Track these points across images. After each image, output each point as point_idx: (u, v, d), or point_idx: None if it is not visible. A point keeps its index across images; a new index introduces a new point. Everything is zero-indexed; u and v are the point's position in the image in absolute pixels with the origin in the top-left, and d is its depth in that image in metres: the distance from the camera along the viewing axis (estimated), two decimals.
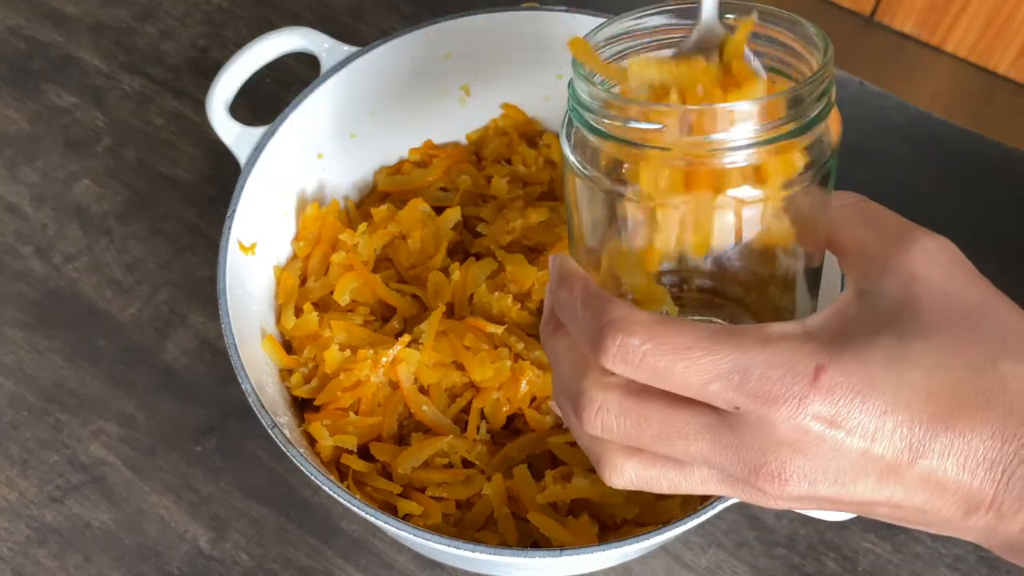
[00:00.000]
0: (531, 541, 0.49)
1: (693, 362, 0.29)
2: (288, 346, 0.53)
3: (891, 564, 0.54)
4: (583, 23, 0.55)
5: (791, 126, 0.30)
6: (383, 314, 0.55)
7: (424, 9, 0.72)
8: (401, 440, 0.51)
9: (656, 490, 0.33)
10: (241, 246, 0.51)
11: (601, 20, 0.55)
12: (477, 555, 0.43)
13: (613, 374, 0.31)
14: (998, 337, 0.30)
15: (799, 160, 0.31)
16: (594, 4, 0.56)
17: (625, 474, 0.33)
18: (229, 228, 0.50)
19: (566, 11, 0.55)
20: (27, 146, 0.67)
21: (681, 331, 0.30)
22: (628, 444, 0.32)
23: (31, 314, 0.61)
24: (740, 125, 0.29)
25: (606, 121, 0.31)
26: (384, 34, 0.55)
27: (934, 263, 0.31)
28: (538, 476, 0.49)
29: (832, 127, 0.32)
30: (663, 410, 0.31)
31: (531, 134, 0.61)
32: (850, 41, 1.45)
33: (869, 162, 0.65)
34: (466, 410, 0.51)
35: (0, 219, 0.65)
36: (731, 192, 0.30)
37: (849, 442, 0.29)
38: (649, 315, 0.30)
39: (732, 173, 0.30)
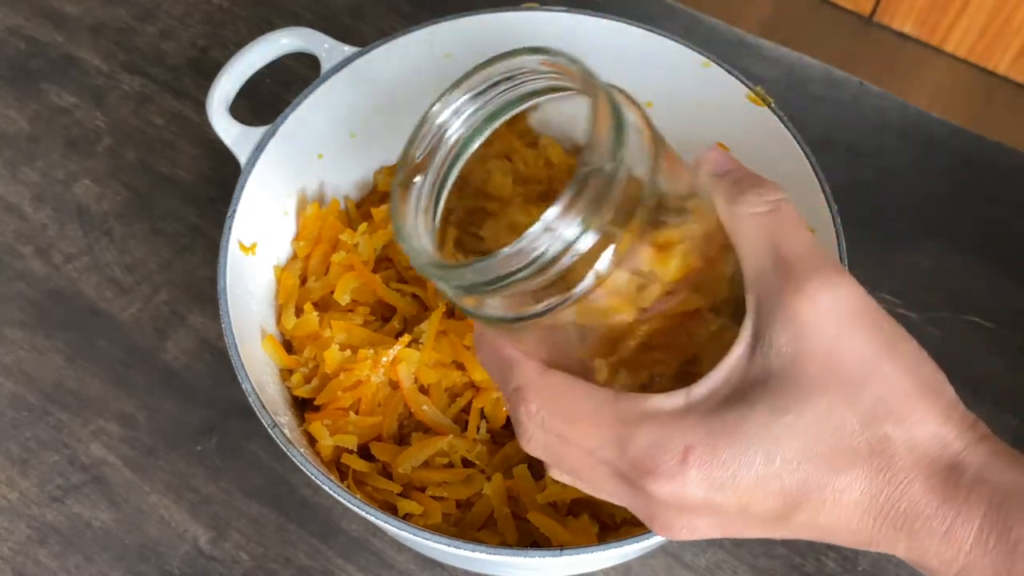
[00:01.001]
0: (531, 541, 0.49)
1: (581, 432, 0.32)
2: (288, 346, 0.53)
3: (891, 564, 0.54)
4: (583, 23, 0.55)
5: (595, 200, 0.29)
6: (383, 314, 0.55)
7: (424, 9, 0.72)
8: (401, 440, 0.51)
9: (587, 492, 0.36)
10: (241, 246, 0.51)
11: (602, 20, 0.55)
12: (477, 555, 0.43)
13: None
14: (874, 401, 0.30)
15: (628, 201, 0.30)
16: (594, 4, 0.56)
17: (562, 477, 0.36)
18: (229, 228, 0.50)
19: (566, 11, 0.55)
20: (27, 146, 0.67)
21: (574, 398, 0.32)
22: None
23: (31, 314, 0.61)
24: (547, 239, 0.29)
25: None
26: (384, 34, 0.55)
27: (825, 317, 0.31)
28: (538, 476, 0.49)
29: (640, 131, 0.31)
30: (578, 451, 0.33)
31: (531, 134, 0.61)
32: (850, 41, 1.45)
33: (869, 162, 0.65)
34: (466, 410, 0.51)
35: (0, 219, 0.65)
36: (585, 284, 0.30)
37: (727, 506, 0.31)
38: (550, 381, 0.33)
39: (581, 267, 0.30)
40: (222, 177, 0.65)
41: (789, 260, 0.31)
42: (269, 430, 0.45)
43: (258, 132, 0.53)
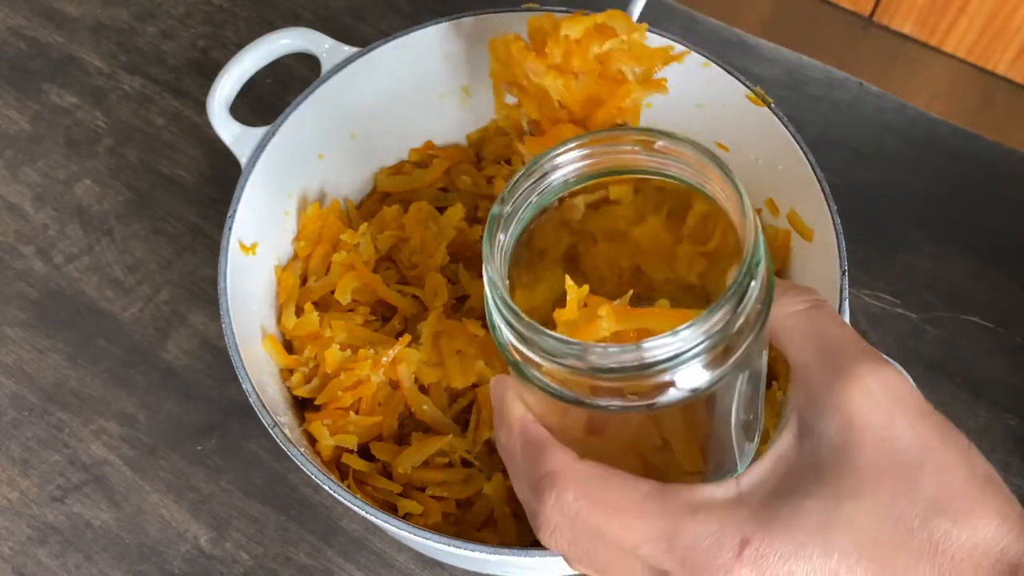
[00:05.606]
0: (531, 540, 0.49)
1: (624, 525, 0.30)
2: (289, 346, 0.54)
3: None
4: None
5: (727, 321, 0.28)
6: (384, 314, 0.55)
7: (424, 9, 0.72)
8: (401, 439, 0.51)
9: None
10: (242, 246, 0.51)
11: None
12: (477, 554, 0.43)
13: None
14: (932, 492, 0.29)
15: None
16: (594, 4, 0.56)
17: (586, 571, 0.33)
18: (230, 228, 0.50)
19: (566, 11, 0.55)
20: (28, 146, 0.68)
21: (615, 489, 0.30)
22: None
23: (32, 314, 0.61)
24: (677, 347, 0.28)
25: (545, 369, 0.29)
26: (384, 34, 0.55)
27: (874, 405, 0.30)
28: None
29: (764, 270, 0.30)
30: (613, 548, 0.31)
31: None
32: (850, 41, 1.45)
33: (868, 162, 0.65)
34: (466, 410, 0.51)
35: (1, 219, 0.65)
36: (680, 386, 0.29)
37: None
38: (586, 468, 0.30)
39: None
40: (222, 177, 0.65)
41: (834, 350, 0.31)
42: (269, 430, 0.45)
43: (258, 132, 0.53)
